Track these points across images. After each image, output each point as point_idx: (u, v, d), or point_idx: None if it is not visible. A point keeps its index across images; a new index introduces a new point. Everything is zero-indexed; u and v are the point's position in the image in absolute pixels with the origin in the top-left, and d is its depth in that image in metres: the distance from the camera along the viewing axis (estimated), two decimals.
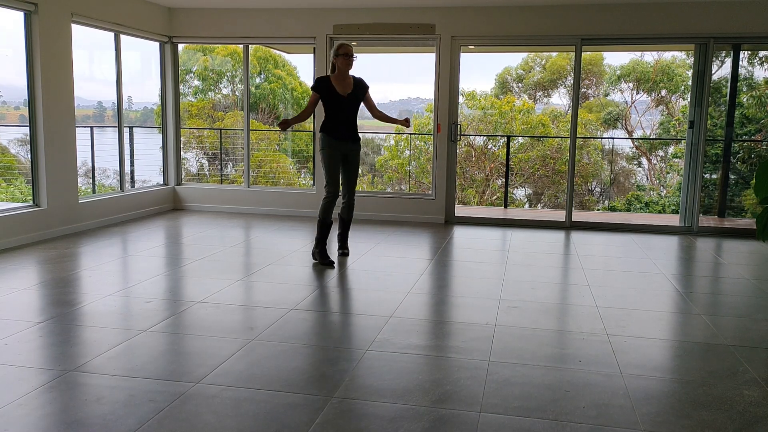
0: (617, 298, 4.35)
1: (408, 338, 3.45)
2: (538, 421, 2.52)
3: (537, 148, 13.53)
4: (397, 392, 2.76)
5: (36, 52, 5.76)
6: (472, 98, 14.01)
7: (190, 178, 12.98)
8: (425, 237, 6.55)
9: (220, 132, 13.28)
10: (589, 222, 7.42)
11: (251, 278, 4.70)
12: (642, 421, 2.55)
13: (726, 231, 7.19)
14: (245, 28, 7.60)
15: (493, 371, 3.01)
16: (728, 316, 4.03)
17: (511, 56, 16.86)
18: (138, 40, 7.43)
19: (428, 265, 5.23)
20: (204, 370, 2.95)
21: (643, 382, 2.93)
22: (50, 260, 5.10)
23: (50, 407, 2.57)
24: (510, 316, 3.88)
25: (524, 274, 4.99)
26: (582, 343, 3.43)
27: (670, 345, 3.52)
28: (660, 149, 15.49)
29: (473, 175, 13.58)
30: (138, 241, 6.00)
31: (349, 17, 7.33)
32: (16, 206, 5.91)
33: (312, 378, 2.90)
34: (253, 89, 13.96)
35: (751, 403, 2.74)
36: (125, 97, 7.27)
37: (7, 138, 12.00)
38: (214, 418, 2.51)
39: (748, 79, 10.94)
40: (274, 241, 6.06)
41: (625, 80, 15.85)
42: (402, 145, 13.48)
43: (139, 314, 3.77)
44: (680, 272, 5.27)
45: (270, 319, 3.71)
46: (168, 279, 4.63)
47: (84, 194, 7.42)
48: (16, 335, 3.37)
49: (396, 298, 4.22)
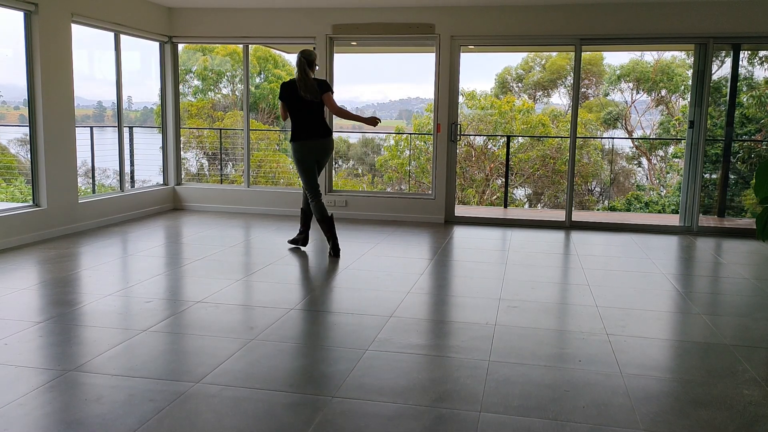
0: (617, 297, 4.35)
1: (408, 338, 3.45)
2: (537, 421, 2.52)
3: (537, 148, 13.54)
4: (397, 391, 2.76)
5: (36, 52, 5.76)
6: (472, 98, 14.01)
7: (190, 178, 12.99)
8: (425, 237, 6.55)
9: (219, 132, 13.28)
10: (589, 222, 7.42)
11: (251, 278, 4.70)
12: (642, 420, 2.55)
13: (726, 231, 7.19)
14: (245, 28, 7.60)
15: (493, 370, 3.01)
16: (728, 315, 4.03)
17: (511, 56, 16.88)
18: (138, 40, 7.43)
19: (428, 265, 5.23)
20: (204, 370, 2.95)
21: (642, 381, 2.93)
22: (50, 260, 5.10)
23: (50, 407, 2.57)
24: (510, 315, 3.88)
25: (524, 273, 4.99)
26: (582, 343, 3.43)
27: (670, 344, 3.52)
28: (660, 149, 15.50)
29: (473, 175, 13.59)
30: (138, 241, 6.00)
31: (349, 17, 7.33)
32: (16, 206, 5.91)
33: (312, 378, 2.90)
34: (252, 89, 13.97)
35: (751, 402, 2.74)
36: (125, 97, 7.27)
37: (6, 138, 12.01)
38: (214, 417, 2.51)
39: (748, 79, 10.94)
40: (274, 241, 6.06)
41: (624, 80, 15.86)
42: (402, 145, 13.49)
43: (138, 314, 3.77)
44: (680, 272, 5.27)
45: (270, 319, 3.71)
46: (168, 279, 4.63)
47: (84, 194, 7.42)
48: (16, 335, 3.37)
49: (396, 297, 4.22)
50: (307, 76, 5.23)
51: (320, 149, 5.36)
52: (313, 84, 5.22)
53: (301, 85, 5.20)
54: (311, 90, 5.20)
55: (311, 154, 5.32)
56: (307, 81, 5.21)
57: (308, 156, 5.31)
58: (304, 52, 5.28)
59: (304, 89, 5.19)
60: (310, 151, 5.31)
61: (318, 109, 5.29)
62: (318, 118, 5.30)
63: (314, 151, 5.33)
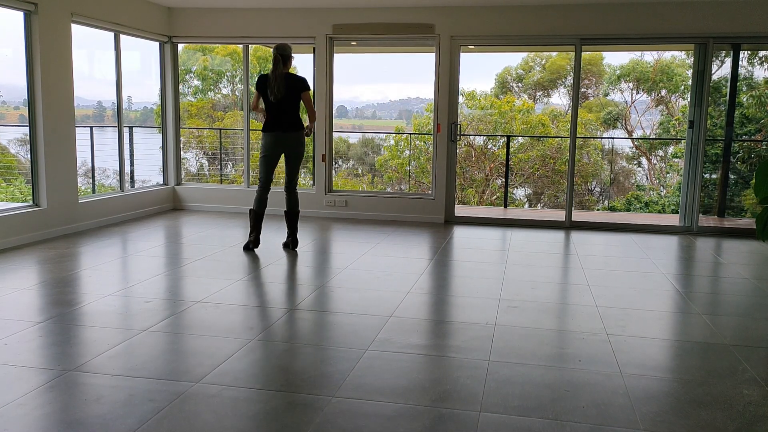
0: (617, 297, 4.35)
1: (408, 338, 3.45)
2: (537, 421, 2.52)
3: (537, 148, 13.54)
4: (396, 391, 2.76)
5: (36, 52, 5.76)
6: (472, 98, 14.01)
7: (189, 178, 12.98)
8: (425, 237, 6.55)
9: (219, 132, 13.28)
10: (589, 222, 7.42)
11: (251, 278, 4.70)
12: (642, 420, 2.55)
13: (726, 231, 7.19)
14: (245, 28, 7.60)
15: (493, 370, 3.01)
16: (728, 315, 4.03)
17: (511, 56, 16.88)
18: (138, 40, 7.43)
19: (428, 265, 5.23)
20: (204, 370, 2.95)
21: (642, 381, 2.93)
22: (50, 260, 5.10)
23: (50, 407, 2.57)
24: (510, 315, 3.88)
25: (524, 273, 4.99)
26: (582, 343, 3.43)
27: (670, 344, 3.52)
28: (660, 149, 15.49)
29: (473, 175, 13.59)
30: (138, 241, 6.00)
31: (349, 17, 7.33)
32: (16, 206, 5.91)
33: (312, 378, 2.90)
34: (252, 89, 13.96)
35: (751, 402, 2.74)
36: (125, 97, 7.27)
37: (6, 138, 12.00)
38: (214, 417, 2.51)
39: (747, 79, 10.94)
40: (274, 241, 6.06)
41: (624, 80, 15.85)
42: (402, 145, 13.49)
43: (138, 314, 3.77)
44: (680, 272, 5.27)
45: (270, 319, 3.71)
46: (168, 279, 4.63)
47: (84, 194, 7.42)
48: (15, 335, 3.37)
49: (396, 297, 4.22)
50: (279, 74, 5.22)
51: (284, 143, 5.36)
52: (282, 85, 5.22)
53: (271, 83, 5.21)
54: (280, 90, 5.21)
55: (276, 147, 5.37)
56: (278, 80, 5.21)
57: (272, 148, 5.37)
58: (279, 47, 5.26)
59: (274, 88, 5.20)
60: (275, 143, 5.35)
61: (289, 104, 5.28)
62: (287, 112, 5.30)
63: (279, 144, 5.36)
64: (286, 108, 5.29)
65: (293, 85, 5.27)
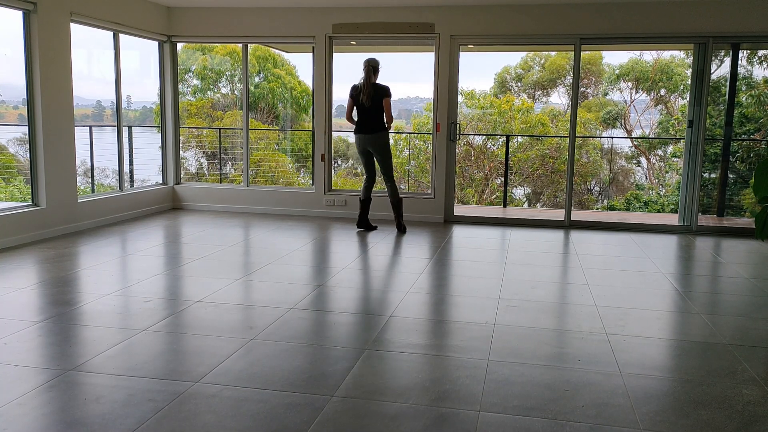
0: (616, 297, 4.35)
1: (407, 337, 3.45)
2: (537, 420, 2.52)
3: (536, 148, 13.54)
4: (396, 391, 2.76)
5: (35, 52, 5.75)
6: (472, 97, 14.01)
7: (189, 177, 12.97)
8: (424, 236, 6.55)
9: (219, 131, 13.27)
10: (589, 221, 7.42)
11: (251, 277, 4.70)
12: (641, 420, 2.55)
13: (725, 230, 7.20)
14: (244, 27, 7.59)
15: (493, 370, 3.01)
16: (727, 315, 4.04)
17: (510, 55, 16.87)
18: (137, 39, 7.42)
19: (427, 264, 5.23)
20: (203, 370, 2.95)
21: (642, 381, 2.93)
22: (49, 259, 5.09)
23: (49, 407, 2.57)
24: (509, 315, 3.88)
25: (523, 273, 4.99)
26: (581, 342, 3.43)
27: (669, 344, 3.52)
28: (659, 148, 15.50)
29: (472, 175, 13.59)
30: (137, 241, 5.99)
31: (349, 16, 7.33)
32: (15, 206, 5.90)
33: (312, 377, 2.90)
34: (252, 88, 13.95)
35: (750, 401, 2.74)
36: (124, 97, 7.26)
37: (5, 137, 11.98)
38: (214, 417, 2.51)
39: (747, 78, 10.94)
40: (274, 241, 6.06)
41: (624, 79, 15.86)
42: (401, 145, 13.49)
43: (138, 313, 3.77)
44: (679, 271, 5.27)
45: (269, 319, 3.71)
46: (167, 278, 4.63)
47: (83, 193, 7.41)
48: (15, 334, 3.36)
49: (395, 297, 4.22)
50: (370, 83, 6.27)
51: (366, 141, 6.39)
52: (372, 92, 6.26)
53: (364, 90, 6.28)
54: (370, 97, 6.26)
55: (360, 144, 6.46)
56: (368, 89, 6.26)
57: (361, 147, 6.48)
58: (371, 61, 6.33)
59: (365, 96, 6.26)
60: (363, 143, 6.43)
61: (374, 109, 6.30)
62: (371, 116, 6.32)
63: (362, 142, 6.43)
64: (373, 113, 6.31)
65: (379, 92, 6.28)
